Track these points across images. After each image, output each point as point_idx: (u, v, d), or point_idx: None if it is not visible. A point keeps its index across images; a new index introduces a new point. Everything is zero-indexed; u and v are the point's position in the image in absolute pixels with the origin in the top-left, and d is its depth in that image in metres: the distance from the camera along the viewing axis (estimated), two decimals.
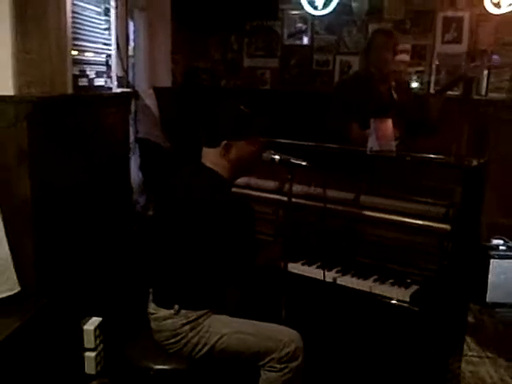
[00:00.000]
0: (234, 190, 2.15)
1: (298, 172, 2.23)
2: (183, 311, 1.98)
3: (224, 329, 1.99)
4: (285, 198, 2.29)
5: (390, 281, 2.27)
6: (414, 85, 4.10)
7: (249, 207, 2.03)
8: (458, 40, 4.04)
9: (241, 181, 2.56)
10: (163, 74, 3.98)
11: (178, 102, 4.08)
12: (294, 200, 2.25)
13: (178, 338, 1.98)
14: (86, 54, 2.51)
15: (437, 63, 4.09)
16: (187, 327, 1.98)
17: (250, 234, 2.05)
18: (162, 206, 2.17)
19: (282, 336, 2.00)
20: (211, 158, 2.04)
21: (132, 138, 3.36)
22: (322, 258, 2.37)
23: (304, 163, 2.18)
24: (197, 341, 1.98)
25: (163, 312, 2.02)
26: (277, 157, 2.21)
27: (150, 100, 3.64)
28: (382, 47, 3.20)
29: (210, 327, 1.98)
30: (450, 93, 3.47)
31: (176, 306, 1.98)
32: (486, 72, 3.82)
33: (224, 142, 2.00)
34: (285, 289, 2.19)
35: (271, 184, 2.68)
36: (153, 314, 2.06)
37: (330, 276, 2.31)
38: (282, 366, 1.97)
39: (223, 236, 1.96)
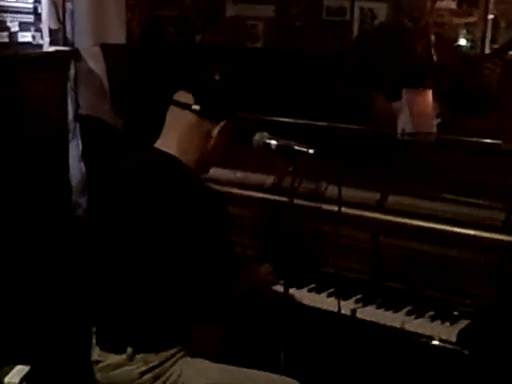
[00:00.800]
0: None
1: (303, 163, 2.21)
2: (139, 356, 1.97)
3: (200, 378, 1.99)
4: (284, 199, 2.30)
5: (430, 313, 2.29)
6: (463, 42, 4.11)
7: (224, 207, 2.07)
8: None
9: (222, 175, 2.58)
10: (114, 26, 3.95)
11: (135, 65, 4.05)
12: (296, 201, 2.24)
13: None
14: None
15: (494, 13, 4.10)
16: (149, 376, 1.97)
17: (228, 243, 2.09)
18: (104, 207, 2.16)
19: None
20: (184, 137, 2.08)
21: (71, 115, 3.33)
22: (335, 283, 2.38)
23: (310, 151, 2.17)
24: None
25: (112, 358, 2.02)
26: (273, 142, 2.21)
27: (95, 62, 3.62)
28: None
29: (181, 376, 1.99)
30: (511, 53, 3.48)
31: (129, 350, 1.97)
32: None
33: (225, 122, 2.10)
34: (284, 325, 2.18)
35: (265, 179, 2.72)
36: (98, 362, 2.06)
37: (346, 307, 2.33)
38: None
39: (191, 243, 1.98)
